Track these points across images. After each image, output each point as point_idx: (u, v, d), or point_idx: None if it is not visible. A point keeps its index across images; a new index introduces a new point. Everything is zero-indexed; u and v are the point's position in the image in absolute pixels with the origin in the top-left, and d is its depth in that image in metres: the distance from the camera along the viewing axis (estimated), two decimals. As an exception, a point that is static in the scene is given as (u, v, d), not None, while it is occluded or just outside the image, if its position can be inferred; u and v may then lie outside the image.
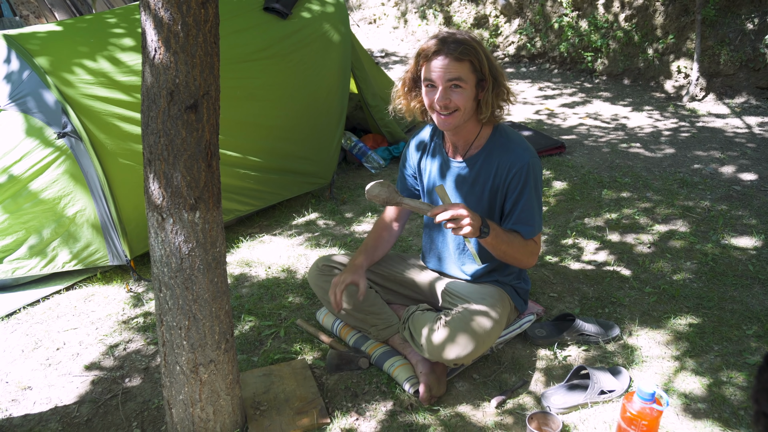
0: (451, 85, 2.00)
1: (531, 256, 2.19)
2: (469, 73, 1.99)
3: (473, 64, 1.98)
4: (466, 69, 1.98)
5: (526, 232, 2.14)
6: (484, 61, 1.99)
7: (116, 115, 2.93)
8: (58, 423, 2.16)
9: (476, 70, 1.99)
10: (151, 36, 1.59)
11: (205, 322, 1.84)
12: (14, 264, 2.89)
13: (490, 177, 2.16)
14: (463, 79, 1.98)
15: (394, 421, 2.08)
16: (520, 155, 2.10)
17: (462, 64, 1.97)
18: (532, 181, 2.10)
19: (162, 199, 1.70)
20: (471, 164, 2.20)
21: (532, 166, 2.10)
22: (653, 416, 1.82)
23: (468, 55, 1.96)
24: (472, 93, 2.03)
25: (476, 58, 1.97)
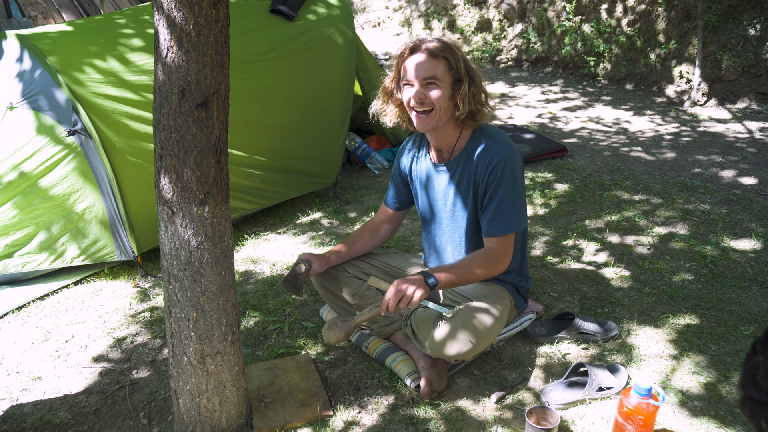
0: (427, 83, 2.05)
1: (497, 263, 2.18)
2: (444, 72, 2.04)
3: (449, 63, 2.04)
4: (442, 67, 2.04)
5: (499, 228, 2.16)
6: (459, 61, 2.04)
7: (125, 113, 2.98)
8: (67, 412, 2.21)
9: (452, 69, 2.05)
10: (163, 35, 1.64)
11: (213, 314, 1.88)
12: (24, 258, 2.95)
13: (472, 176, 2.20)
14: (438, 77, 2.04)
15: (396, 415, 2.13)
16: (497, 150, 2.13)
17: (437, 61, 2.03)
18: (508, 175, 2.12)
19: (172, 193, 1.75)
20: (454, 167, 2.24)
21: (510, 161, 2.12)
22: (650, 411, 1.86)
23: (443, 52, 2.02)
24: (448, 92, 2.07)
25: (452, 56, 2.03)
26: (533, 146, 4.47)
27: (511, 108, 5.84)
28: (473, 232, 2.31)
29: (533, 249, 3.20)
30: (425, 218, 2.46)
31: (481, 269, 2.16)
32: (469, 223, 2.29)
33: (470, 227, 2.30)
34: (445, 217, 2.35)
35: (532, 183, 4.03)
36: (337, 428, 2.08)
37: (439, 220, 2.39)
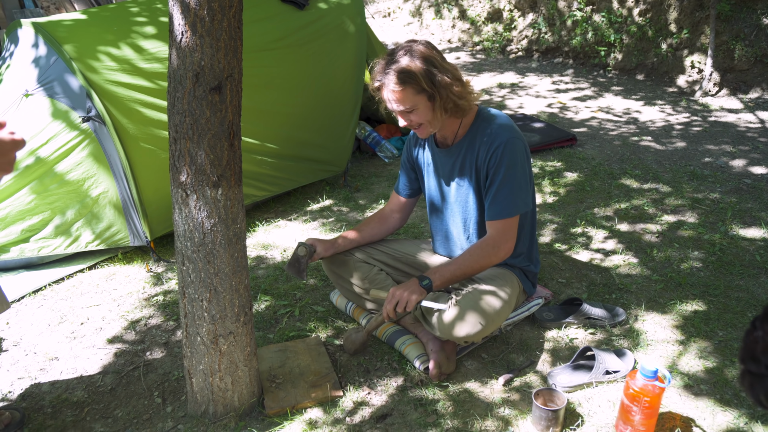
0: (404, 111, 2.13)
1: (496, 250, 2.23)
2: (414, 96, 2.09)
3: (414, 88, 2.08)
4: (410, 93, 2.08)
5: (499, 211, 2.21)
6: (422, 82, 2.06)
7: (139, 101, 3.02)
8: (83, 391, 2.26)
9: (420, 91, 2.08)
10: (178, 20, 1.67)
11: (225, 295, 1.92)
12: (40, 243, 3.00)
13: (474, 160, 2.24)
14: (410, 106, 2.11)
15: (405, 396, 2.16)
16: (497, 135, 2.18)
17: (404, 92, 2.08)
18: (508, 159, 2.16)
19: (186, 176, 1.79)
20: (457, 152, 2.29)
21: (509, 145, 2.16)
22: (655, 393, 1.88)
23: (405, 83, 2.06)
24: (428, 106, 2.13)
25: (415, 81, 2.06)
26: (543, 135, 4.48)
27: (521, 98, 5.84)
28: (479, 215, 2.34)
29: (542, 236, 3.22)
30: (432, 204, 2.49)
31: (478, 262, 2.23)
32: (474, 207, 2.33)
33: (476, 211, 2.33)
34: (451, 201, 2.39)
35: (542, 171, 4.04)
36: (347, 408, 2.12)
37: (446, 205, 2.42)
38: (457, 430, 2.01)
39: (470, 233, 2.39)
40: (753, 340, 0.86)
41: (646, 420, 1.90)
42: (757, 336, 0.85)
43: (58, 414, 2.16)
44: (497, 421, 2.04)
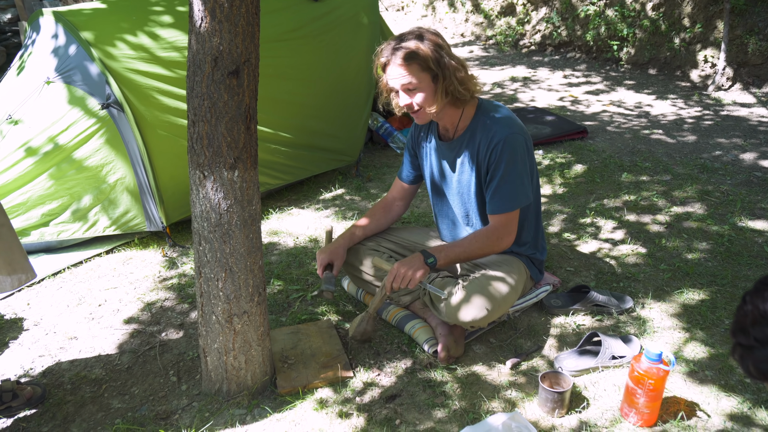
0: (407, 89, 2.15)
1: (499, 241, 2.29)
2: (419, 74, 2.12)
3: (420, 65, 2.10)
4: (415, 71, 2.11)
5: (500, 206, 2.25)
6: (428, 60, 2.09)
7: (156, 88, 3.08)
8: (101, 369, 2.33)
9: (425, 69, 2.11)
10: (198, 6, 1.72)
11: (240, 275, 1.98)
12: (59, 227, 3.07)
13: (475, 155, 2.28)
14: (414, 83, 2.13)
15: (414, 378, 2.21)
16: (498, 131, 2.20)
17: (409, 68, 2.11)
18: (507, 155, 2.19)
19: (204, 158, 1.84)
20: (458, 145, 2.32)
21: (510, 141, 2.19)
22: (660, 376, 1.92)
23: (413, 59, 2.10)
24: (430, 88, 2.15)
25: (422, 59, 2.09)
26: (554, 128, 4.50)
27: (533, 91, 5.86)
28: (480, 207, 2.38)
29: (551, 226, 3.25)
30: (435, 195, 2.54)
31: (482, 247, 2.29)
32: (475, 199, 2.37)
33: (477, 203, 2.37)
34: (452, 193, 2.43)
35: (552, 163, 4.07)
36: (356, 389, 2.17)
37: (448, 197, 2.47)
38: (465, 411, 2.05)
39: (473, 223, 2.44)
40: (743, 314, 0.90)
41: (650, 403, 1.94)
42: (747, 310, 0.90)
43: (77, 390, 2.23)
44: (504, 402, 2.09)
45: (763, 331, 0.86)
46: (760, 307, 0.87)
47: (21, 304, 2.77)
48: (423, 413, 2.05)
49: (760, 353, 0.87)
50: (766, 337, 0.86)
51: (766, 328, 0.86)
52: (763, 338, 0.86)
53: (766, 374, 0.87)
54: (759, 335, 0.87)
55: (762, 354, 0.86)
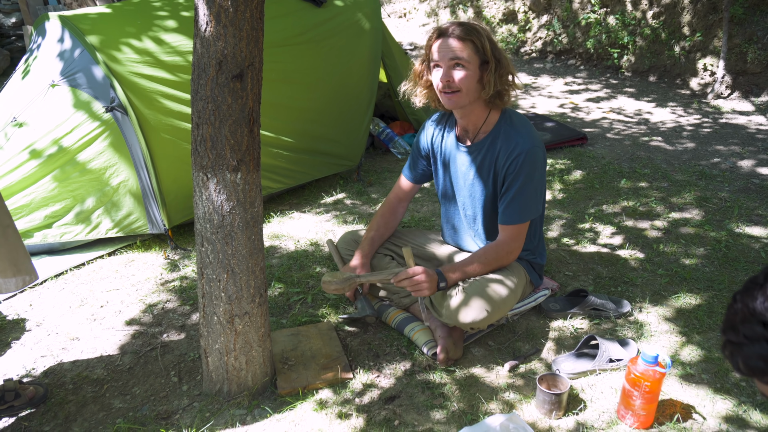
0: (454, 65, 2.13)
1: (508, 255, 2.33)
2: (471, 54, 2.11)
3: (475, 45, 2.10)
4: (469, 49, 2.11)
5: (513, 218, 2.28)
6: (486, 43, 2.10)
7: (160, 92, 3.12)
8: (103, 369, 2.35)
9: (479, 51, 2.11)
10: (203, 11, 1.76)
11: (242, 276, 2.00)
12: (62, 229, 3.10)
13: (493, 162, 2.28)
14: (464, 59, 2.11)
15: (412, 379, 2.23)
16: (520, 143, 2.21)
17: (464, 44, 2.10)
18: (528, 168, 2.20)
19: (207, 160, 1.87)
20: (478, 149, 2.32)
21: (531, 155, 2.20)
22: (656, 378, 1.94)
23: (470, 35, 2.09)
24: (476, 74, 2.14)
25: (478, 39, 2.10)
26: (554, 134, 4.53)
27: (534, 98, 5.90)
28: (490, 213, 2.40)
29: (550, 231, 3.28)
30: (444, 195, 2.56)
31: (491, 264, 2.32)
32: (486, 204, 2.39)
33: (487, 209, 2.39)
34: (464, 195, 2.45)
35: (552, 169, 4.10)
36: (356, 390, 2.19)
37: (459, 199, 2.48)
38: (463, 412, 2.07)
39: (478, 228, 2.46)
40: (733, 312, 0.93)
41: (646, 405, 1.96)
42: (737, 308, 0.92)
43: (78, 390, 2.25)
44: (502, 404, 2.11)
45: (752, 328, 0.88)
46: (749, 305, 0.89)
47: (23, 305, 2.80)
48: (422, 414, 2.07)
49: (749, 350, 0.89)
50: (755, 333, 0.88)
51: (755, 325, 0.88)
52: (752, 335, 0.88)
53: (754, 370, 0.90)
54: (748, 332, 0.89)
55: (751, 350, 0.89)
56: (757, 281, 0.90)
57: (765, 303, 0.86)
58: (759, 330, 0.87)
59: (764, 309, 0.86)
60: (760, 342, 0.87)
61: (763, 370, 0.87)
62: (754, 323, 0.88)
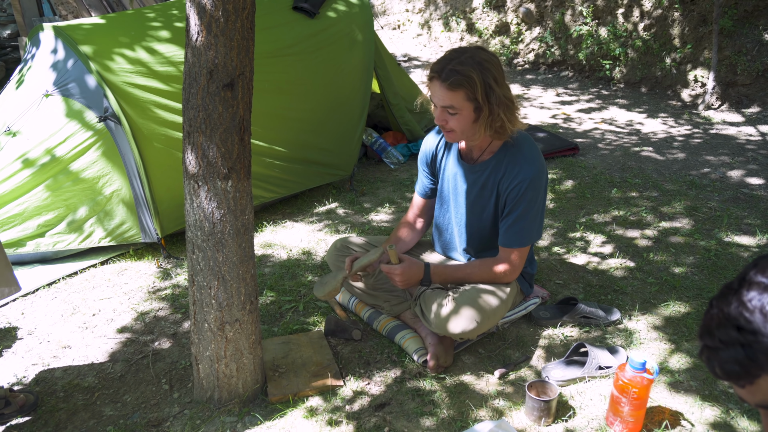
0: (447, 110, 2.11)
1: (503, 277, 2.32)
2: (462, 102, 2.06)
3: (467, 94, 2.05)
4: (460, 98, 2.06)
5: (514, 241, 2.28)
6: (479, 91, 2.03)
7: (153, 102, 3.14)
8: (94, 377, 2.35)
9: (471, 99, 2.06)
10: (194, 21, 1.78)
11: (233, 283, 2.01)
12: (55, 238, 3.11)
13: (496, 185, 2.28)
14: (455, 107, 2.08)
15: (403, 386, 2.24)
16: (524, 168, 2.19)
17: (455, 93, 2.05)
18: (530, 194, 2.20)
19: (198, 168, 1.89)
20: (482, 170, 2.30)
21: (534, 181, 2.19)
22: (644, 384, 1.95)
23: (461, 86, 2.03)
24: (470, 117, 2.10)
25: (470, 88, 2.03)
26: (545, 144, 4.57)
27: (526, 109, 5.94)
28: (488, 233, 2.40)
29: (541, 240, 3.30)
30: (443, 209, 2.54)
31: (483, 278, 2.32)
32: (484, 225, 2.38)
33: (485, 229, 2.39)
34: (462, 213, 2.43)
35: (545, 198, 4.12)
36: (346, 397, 2.20)
37: (457, 216, 2.46)
38: (453, 419, 2.08)
39: (473, 246, 2.46)
40: (709, 317, 0.94)
41: (634, 411, 1.97)
42: (713, 313, 0.93)
43: (69, 398, 2.25)
44: (491, 411, 2.12)
45: (727, 333, 0.89)
46: (725, 310, 0.91)
47: (15, 313, 2.80)
48: (411, 421, 2.08)
49: (725, 354, 0.90)
50: (730, 338, 0.89)
51: (729, 330, 0.89)
52: (727, 339, 0.89)
53: (730, 374, 0.90)
54: (723, 337, 0.90)
55: (726, 354, 0.90)
56: (732, 287, 0.91)
57: (739, 308, 0.88)
58: (734, 334, 0.88)
59: (738, 314, 0.88)
60: (735, 346, 0.88)
61: (739, 374, 0.88)
62: (729, 328, 0.89)
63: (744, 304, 0.87)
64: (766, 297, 0.86)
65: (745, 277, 0.90)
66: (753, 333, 0.86)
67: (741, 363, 0.87)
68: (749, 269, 0.91)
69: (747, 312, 0.87)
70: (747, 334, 0.86)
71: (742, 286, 0.90)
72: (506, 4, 7.52)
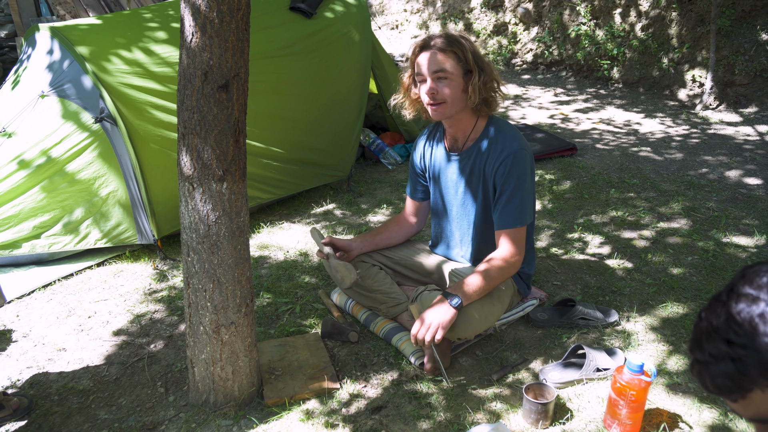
0: (438, 77, 2.16)
1: (512, 268, 2.28)
2: (454, 64, 2.14)
3: (457, 56, 2.14)
4: (451, 60, 2.14)
5: (510, 221, 2.26)
6: (468, 53, 2.14)
7: (149, 103, 3.12)
8: (89, 380, 2.34)
9: (461, 61, 2.15)
10: (189, 22, 1.77)
11: (228, 285, 2.00)
12: (51, 239, 3.09)
13: (482, 167, 2.30)
14: (447, 70, 2.14)
15: (400, 389, 2.23)
16: (507, 146, 2.23)
17: (446, 55, 2.13)
18: (518, 169, 2.22)
19: (193, 170, 1.87)
20: (467, 157, 2.35)
21: (519, 157, 2.22)
22: (641, 387, 1.94)
23: (451, 46, 2.13)
24: (460, 84, 2.17)
25: (460, 49, 2.13)
26: (543, 144, 4.56)
27: (524, 109, 5.93)
28: (482, 222, 2.41)
29: (539, 241, 3.29)
30: (436, 205, 2.56)
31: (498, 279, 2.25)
32: (477, 213, 2.40)
33: (479, 217, 2.41)
34: (455, 204, 2.46)
35: (542, 179, 4.12)
36: (343, 400, 2.19)
37: (450, 208, 2.49)
38: (450, 422, 2.07)
39: (470, 237, 2.47)
40: (699, 330, 0.92)
41: (632, 414, 1.96)
42: (702, 326, 0.91)
43: (64, 401, 2.23)
44: (489, 414, 2.10)
45: (717, 346, 0.87)
46: (713, 323, 0.88)
47: (10, 315, 2.78)
48: (408, 424, 2.07)
49: (716, 368, 0.87)
50: (719, 352, 0.87)
51: (719, 343, 0.87)
52: (716, 353, 0.87)
53: (722, 389, 0.88)
54: (713, 350, 0.88)
55: (717, 369, 0.87)
56: (721, 298, 0.89)
57: (728, 321, 0.86)
58: (723, 348, 0.86)
59: (727, 327, 0.85)
60: (725, 360, 0.85)
61: (731, 388, 0.86)
62: (718, 341, 0.87)
63: (733, 317, 0.85)
64: (755, 309, 0.84)
65: (733, 289, 0.88)
66: (743, 347, 0.83)
67: (732, 377, 0.85)
68: (737, 280, 0.89)
69: (736, 325, 0.84)
70: (737, 348, 0.84)
71: (730, 298, 0.88)
72: (504, 4, 7.51)
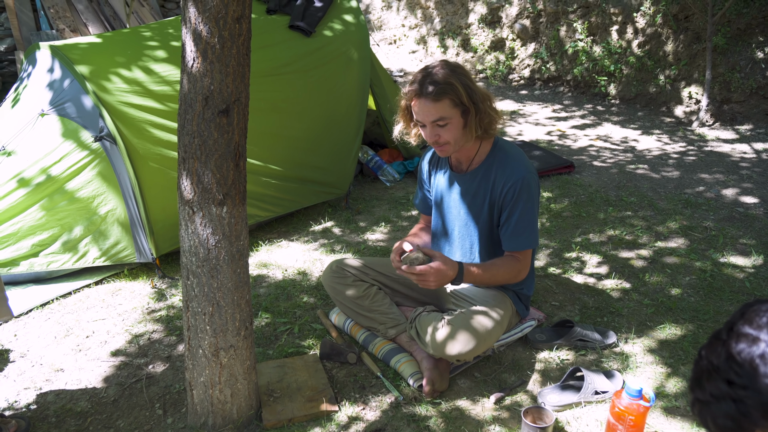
0: (437, 125, 2.17)
1: (518, 274, 2.35)
2: (450, 109, 2.14)
3: (452, 101, 2.13)
4: (447, 107, 2.13)
5: (519, 244, 2.30)
6: (462, 94, 2.12)
7: (149, 122, 3.13)
8: (87, 402, 2.33)
9: (457, 104, 2.14)
10: (190, 47, 1.78)
11: (228, 309, 2.00)
12: (49, 258, 3.09)
13: (489, 191, 2.32)
14: (445, 117, 2.15)
15: (398, 412, 2.23)
16: (515, 170, 2.26)
17: (441, 103, 2.12)
18: (525, 195, 2.25)
19: (193, 194, 1.88)
20: (472, 178, 2.37)
21: (527, 182, 2.25)
22: (640, 412, 1.94)
23: (445, 94, 2.11)
24: (459, 124, 2.18)
25: (454, 94, 2.11)
26: (541, 162, 4.58)
27: (521, 125, 5.96)
28: (484, 243, 2.42)
29: (537, 260, 3.29)
30: (440, 224, 2.56)
31: (504, 276, 2.33)
32: (480, 234, 2.41)
33: (481, 239, 2.41)
34: (457, 225, 2.47)
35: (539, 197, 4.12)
36: (341, 423, 2.18)
37: (451, 228, 2.50)
38: (449, 445, 2.07)
39: (472, 258, 2.47)
40: (699, 370, 0.91)
41: (631, 438, 1.96)
42: (702, 365, 0.91)
43: (62, 423, 2.23)
44: (488, 437, 2.10)
45: (717, 386, 0.86)
46: (714, 362, 0.88)
47: (8, 335, 2.78)
48: (407, 448, 2.06)
49: (717, 408, 0.86)
50: (720, 391, 0.86)
51: (719, 382, 0.86)
52: (717, 393, 0.86)
53: (723, 429, 0.86)
54: (714, 390, 0.87)
55: (718, 409, 0.86)
56: (721, 337, 0.89)
57: (728, 361, 0.85)
58: (724, 388, 0.85)
59: (728, 367, 0.85)
60: (726, 400, 0.85)
61: (732, 429, 0.85)
62: (718, 381, 0.86)
63: (733, 357, 0.85)
64: (755, 349, 0.83)
65: (732, 328, 0.88)
66: (743, 387, 0.83)
67: (733, 418, 0.84)
68: (737, 319, 0.88)
69: (736, 365, 0.84)
70: (738, 389, 0.84)
71: (730, 337, 0.87)
72: (501, 21, 7.56)
